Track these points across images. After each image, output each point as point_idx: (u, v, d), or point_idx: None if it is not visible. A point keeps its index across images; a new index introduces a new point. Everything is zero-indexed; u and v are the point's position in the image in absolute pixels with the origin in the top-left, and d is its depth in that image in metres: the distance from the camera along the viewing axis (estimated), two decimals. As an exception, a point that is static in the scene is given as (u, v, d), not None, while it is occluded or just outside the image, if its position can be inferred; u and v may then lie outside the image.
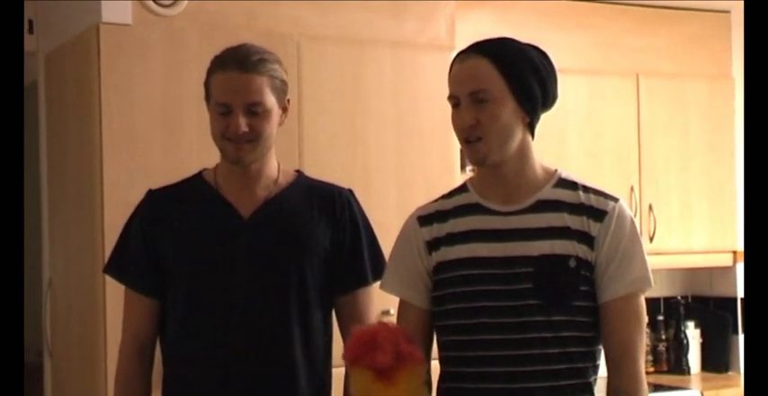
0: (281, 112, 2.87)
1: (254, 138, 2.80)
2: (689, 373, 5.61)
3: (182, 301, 2.88)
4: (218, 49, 2.89)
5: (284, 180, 2.96)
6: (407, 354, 2.54)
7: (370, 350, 2.53)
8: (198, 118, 3.07)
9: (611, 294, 2.62)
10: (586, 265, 2.61)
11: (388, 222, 3.09)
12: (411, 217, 2.79)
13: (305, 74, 4.30)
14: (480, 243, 2.65)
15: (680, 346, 5.65)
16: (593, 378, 2.67)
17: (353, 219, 2.96)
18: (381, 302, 3.02)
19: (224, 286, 2.84)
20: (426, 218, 2.75)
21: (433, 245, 2.71)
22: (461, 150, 2.74)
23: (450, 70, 2.66)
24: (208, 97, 2.86)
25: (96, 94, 4.05)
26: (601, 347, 2.67)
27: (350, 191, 3.02)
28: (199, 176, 2.98)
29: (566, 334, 2.61)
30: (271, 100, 2.81)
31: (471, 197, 2.72)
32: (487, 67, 2.59)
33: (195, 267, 2.86)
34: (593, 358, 2.67)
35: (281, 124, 2.90)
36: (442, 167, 4.47)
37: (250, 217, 2.88)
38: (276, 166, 2.96)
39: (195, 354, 2.86)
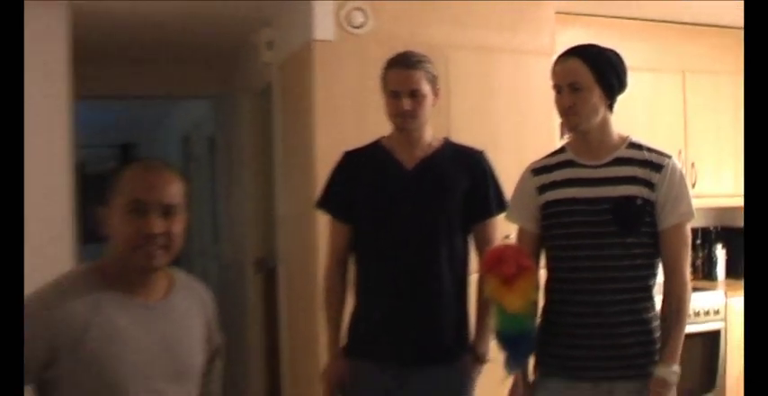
0: (433, 96, 2.85)
1: (415, 114, 2.80)
2: (717, 279, 5.42)
3: (366, 228, 2.87)
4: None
5: (436, 144, 2.92)
6: (525, 266, 2.54)
7: (499, 263, 2.53)
8: (380, 109, 3.02)
9: (667, 224, 2.55)
10: (649, 203, 2.54)
11: (509, 174, 3.01)
12: (526, 170, 2.76)
13: (452, 75, 4.22)
14: (574, 188, 2.61)
15: (710, 262, 5.49)
16: (652, 282, 2.59)
17: (483, 170, 2.91)
18: (504, 229, 2.97)
19: (394, 217, 2.82)
20: (537, 170, 2.71)
21: (542, 189, 2.67)
22: (561, 123, 2.67)
23: (554, 68, 2.61)
24: (384, 87, 2.85)
25: (311, 95, 4.02)
26: (659, 260, 2.59)
27: (482, 152, 2.97)
28: (378, 142, 2.97)
29: (634, 251, 2.54)
30: (426, 88, 2.80)
31: (568, 156, 2.67)
32: (581, 66, 2.54)
33: (375, 204, 2.85)
34: (653, 268, 2.59)
35: (433, 105, 2.87)
36: (547, 136, 4.38)
37: (412, 169, 2.86)
38: (431, 133, 2.92)
39: (376, 265, 2.85)
